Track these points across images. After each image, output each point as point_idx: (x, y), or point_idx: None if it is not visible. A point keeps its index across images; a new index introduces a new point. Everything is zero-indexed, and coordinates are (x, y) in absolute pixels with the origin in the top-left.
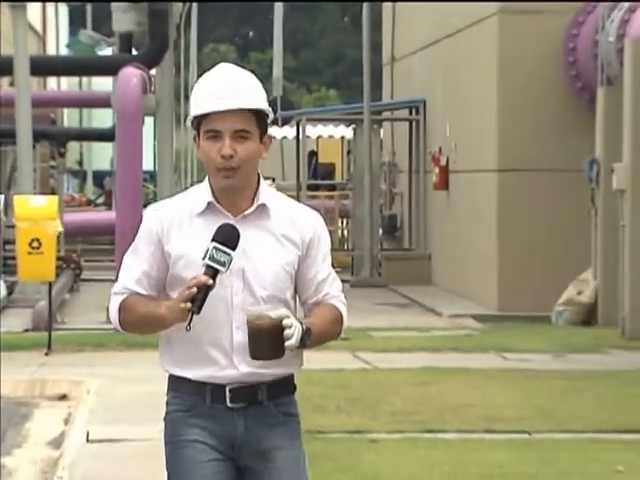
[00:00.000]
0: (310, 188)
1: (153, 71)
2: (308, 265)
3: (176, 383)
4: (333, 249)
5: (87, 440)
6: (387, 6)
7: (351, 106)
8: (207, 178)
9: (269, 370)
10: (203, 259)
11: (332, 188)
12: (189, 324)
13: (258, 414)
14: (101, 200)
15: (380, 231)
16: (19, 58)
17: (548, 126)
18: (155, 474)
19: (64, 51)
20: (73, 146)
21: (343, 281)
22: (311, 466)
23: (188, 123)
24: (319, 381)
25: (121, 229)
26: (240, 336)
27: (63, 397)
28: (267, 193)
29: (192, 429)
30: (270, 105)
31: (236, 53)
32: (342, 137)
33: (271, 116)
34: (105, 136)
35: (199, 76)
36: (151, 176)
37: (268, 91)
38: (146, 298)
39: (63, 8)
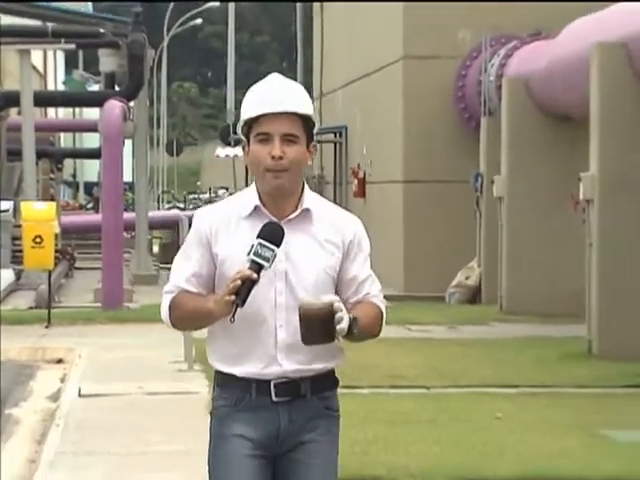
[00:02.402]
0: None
1: (132, 103)
2: (349, 266)
3: (222, 379)
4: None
5: (79, 395)
6: (317, 52)
7: None
8: (252, 185)
9: (312, 366)
10: (248, 254)
11: None
12: (233, 316)
13: (301, 407)
14: (90, 205)
15: None
16: (25, 93)
17: (443, 147)
18: (132, 421)
19: (61, 87)
20: (68, 162)
21: None
22: None
23: (239, 130)
24: None
25: (106, 228)
26: (284, 335)
27: (59, 361)
28: (310, 198)
29: (237, 423)
30: (225, 131)
31: (198, 89)
32: None
33: (317, 126)
34: (93, 154)
35: (168, 107)
36: (130, 186)
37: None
38: (195, 295)
39: (60, 53)
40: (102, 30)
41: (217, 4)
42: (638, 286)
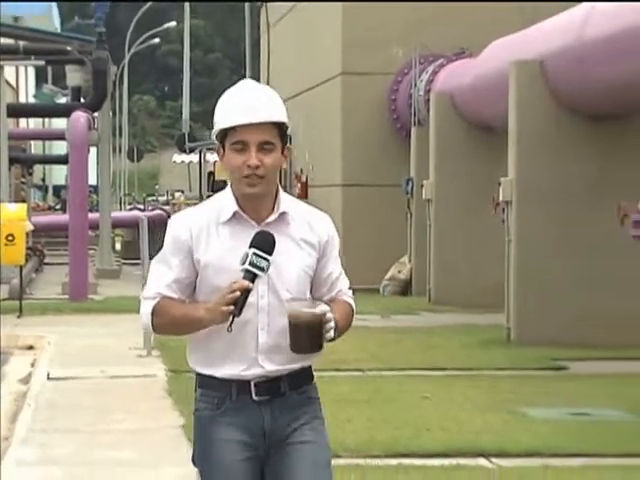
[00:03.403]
0: (209, 198)
1: (96, 114)
2: (324, 265)
3: (203, 381)
4: None
5: (48, 378)
6: (264, 67)
7: None
8: (229, 188)
9: (292, 365)
10: (242, 264)
11: None
12: (230, 326)
13: (282, 403)
14: (58, 206)
15: None
16: None
17: (378, 154)
18: (96, 401)
19: (32, 100)
20: (38, 167)
21: None
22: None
23: (213, 136)
24: None
25: (72, 227)
26: (265, 337)
27: (30, 347)
28: (285, 200)
29: (223, 427)
30: (180, 139)
31: (156, 101)
32: None
33: (290, 129)
34: (61, 160)
35: (129, 118)
36: (94, 189)
37: (179, 129)
38: (178, 302)
39: (31, 68)
40: (69, 48)
41: (174, 24)
42: (551, 279)
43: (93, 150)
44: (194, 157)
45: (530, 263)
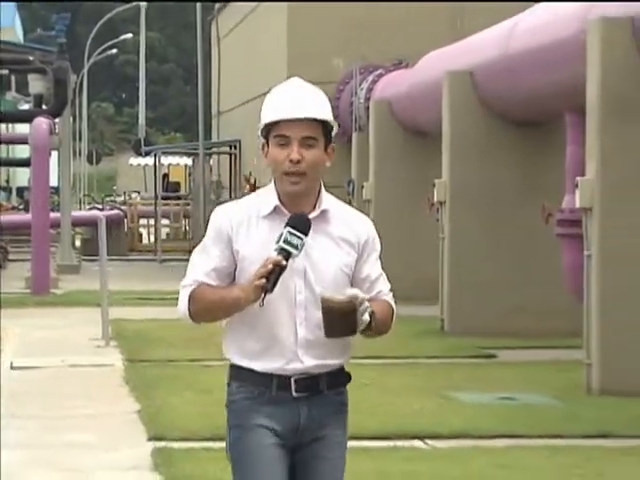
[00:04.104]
0: (164, 198)
1: (57, 120)
2: (362, 265)
3: (241, 374)
4: (178, 239)
5: (11, 367)
6: (215, 77)
7: (191, 144)
8: (273, 183)
9: (329, 361)
10: (277, 242)
11: (178, 198)
12: (262, 301)
13: (320, 402)
14: (22, 206)
15: None
16: None
17: None
18: (58, 389)
19: None
20: (2, 170)
21: (185, 260)
22: (165, 383)
23: (258, 132)
24: (169, 327)
25: (35, 225)
26: (304, 332)
27: None
28: (327, 199)
29: (259, 415)
30: (137, 143)
31: (113, 108)
32: (185, 164)
33: (336, 129)
34: (24, 163)
35: (88, 123)
36: (56, 190)
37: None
38: (215, 287)
39: None
40: (31, 58)
41: (130, 36)
42: (482, 273)
43: (54, 154)
44: (149, 160)
45: (462, 259)
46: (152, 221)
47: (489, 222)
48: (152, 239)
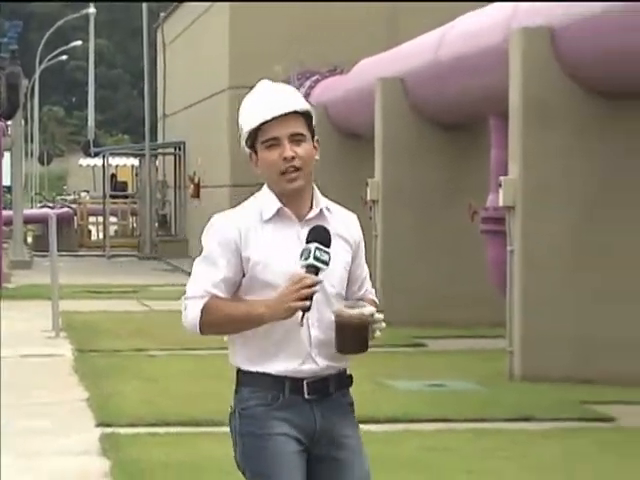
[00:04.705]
0: (112, 197)
1: (9, 122)
2: (357, 264)
3: (253, 379)
4: (126, 236)
5: None
6: (161, 82)
7: (138, 145)
8: (265, 188)
9: (338, 363)
10: (305, 259)
11: (126, 197)
12: (302, 321)
13: (330, 404)
14: None
15: (156, 224)
16: None
17: None
18: (12, 379)
19: None
20: None
21: (132, 256)
22: (113, 372)
23: (242, 143)
24: (116, 319)
25: None
26: (316, 331)
27: None
28: (321, 197)
29: (275, 422)
30: (86, 145)
31: (64, 111)
32: (132, 165)
33: (314, 119)
34: None
35: (40, 126)
36: (8, 189)
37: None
38: (229, 300)
39: None
40: None
41: (80, 43)
42: (413, 267)
43: (7, 154)
44: (98, 161)
45: (394, 254)
46: (101, 219)
47: (419, 220)
48: (101, 236)
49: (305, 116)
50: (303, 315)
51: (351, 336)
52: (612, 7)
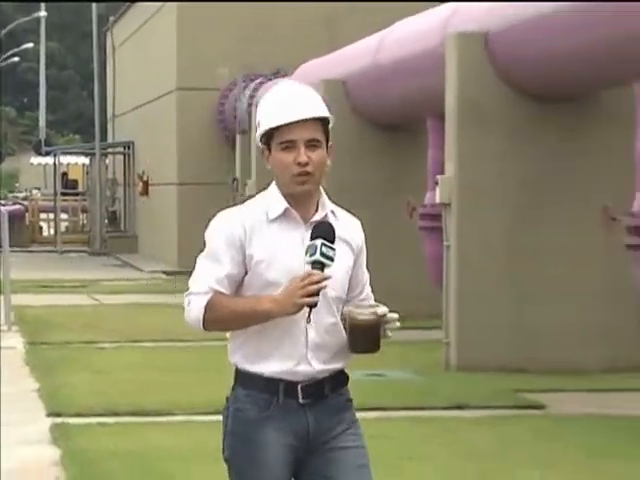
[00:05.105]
0: (63, 194)
1: None
2: (358, 268)
3: (248, 380)
4: (76, 232)
5: None
6: (110, 83)
7: (88, 145)
8: (273, 187)
9: (334, 365)
10: (311, 256)
11: (76, 194)
12: (309, 318)
13: (325, 407)
14: None
15: (106, 220)
16: None
17: (208, 157)
18: None
19: None
20: None
21: (82, 251)
22: (63, 364)
23: (257, 138)
24: (67, 312)
25: None
26: (313, 334)
27: None
28: (327, 201)
29: (270, 431)
30: (37, 144)
31: (16, 112)
32: (83, 164)
33: (332, 122)
34: None
35: None
36: None
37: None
38: (233, 296)
39: None
40: None
41: (31, 45)
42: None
43: None
44: (49, 159)
45: None
46: (52, 215)
47: (362, 218)
48: (52, 232)
49: (323, 122)
50: (310, 311)
51: (363, 336)
52: (544, 11)
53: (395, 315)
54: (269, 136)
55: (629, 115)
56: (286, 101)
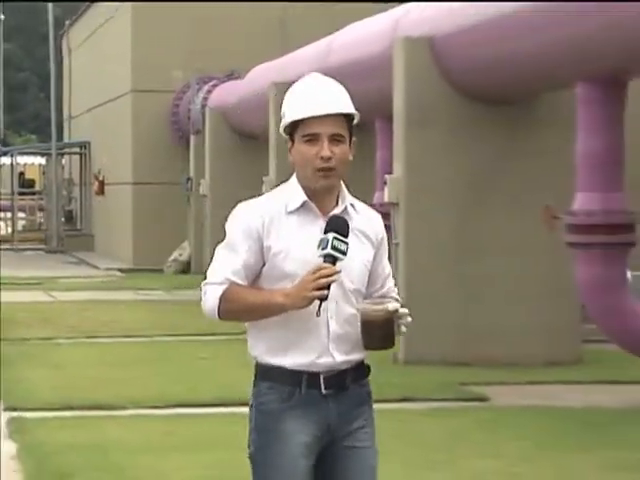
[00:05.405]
0: (20, 194)
1: None
2: (379, 261)
3: (270, 373)
4: (33, 230)
5: None
6: (67, 84)
7: (45, 145)
8: (293, 180)
9: (354, 356)
10: (323, 249)
11: (33, 194)
12: (319, 310)
13: (347, 397)
14: None
15: (63, 219)
16: None
17: (162, 158)
18: None
19: None
20: None
21: (39, 249)
22: (20, 360)
23: (281, 129)
24: (24, 309)
25: None
26: (334, 326)
27: None
28: (347, 195)
29: (293, 420)
30: None
31: None
32: (40, 164)
33: (357, 119)
34: None
35: None
36: None
37: None
38: (249, 288)
39: None
40: None
41: None
42: None
43: None
44: (7, 160)
45: None
46: (9, 214)
47: None
48: (9, 230)
49: (348, 118)
50: (320, 304)
51: (377, 332)
52: (489, 15)
53: (406, 310)
54: (293, 127)
55: (569, 117)
56: (313, 94)
